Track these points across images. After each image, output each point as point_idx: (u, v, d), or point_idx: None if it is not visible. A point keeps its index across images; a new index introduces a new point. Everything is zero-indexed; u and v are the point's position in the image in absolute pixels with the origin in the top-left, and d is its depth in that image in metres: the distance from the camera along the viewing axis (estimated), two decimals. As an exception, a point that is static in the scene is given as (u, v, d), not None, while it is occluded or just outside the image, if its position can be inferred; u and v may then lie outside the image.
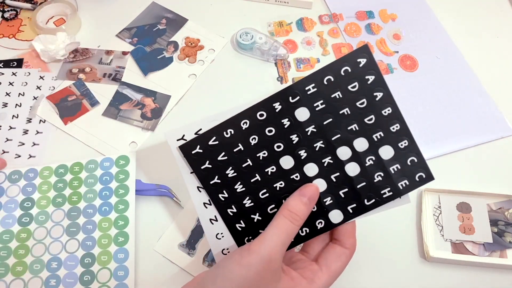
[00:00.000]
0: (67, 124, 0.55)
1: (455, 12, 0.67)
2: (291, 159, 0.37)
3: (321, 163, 0.37)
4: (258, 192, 0.38)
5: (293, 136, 0.37)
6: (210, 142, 0.37)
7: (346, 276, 0.46)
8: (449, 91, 0.59)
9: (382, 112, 0.37)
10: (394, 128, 0.37)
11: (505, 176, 0.53)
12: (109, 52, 0.61)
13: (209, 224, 0.38)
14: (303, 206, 0.36)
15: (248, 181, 0.38)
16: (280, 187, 0.38)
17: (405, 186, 0.37)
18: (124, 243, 0.47)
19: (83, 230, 0.47)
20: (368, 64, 0.36)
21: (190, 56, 0.61)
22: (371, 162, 0.37)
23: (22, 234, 0.47)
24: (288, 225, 0.35)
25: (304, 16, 0.66)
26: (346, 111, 0.37)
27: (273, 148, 0.37)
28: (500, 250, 0.47)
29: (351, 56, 0.36)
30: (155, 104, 0.57)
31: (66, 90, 0.57)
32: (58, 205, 0.49)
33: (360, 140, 0.37)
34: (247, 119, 0.37)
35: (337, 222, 0.38)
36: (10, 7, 0.66)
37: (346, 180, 0.37)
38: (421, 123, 0.56)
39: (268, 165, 0.37)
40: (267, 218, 0.37)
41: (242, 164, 0.37)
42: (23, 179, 0.50)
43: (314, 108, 0.37)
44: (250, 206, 0.38)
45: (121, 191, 0.49)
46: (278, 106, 0.37)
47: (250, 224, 0.38)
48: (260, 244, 0.33)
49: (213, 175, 0.38)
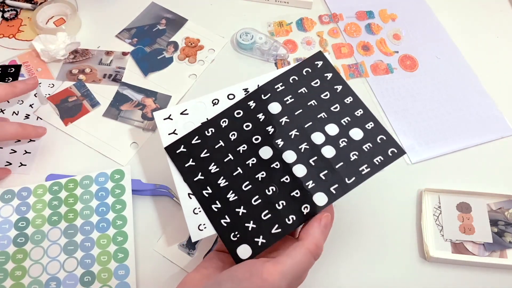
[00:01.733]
0: (68, 125, 0.55)
1: (455, 12, 0.67)
2: (270, 149, 0.40)
3: (298, 149, 0.40)
4: (241, 185, 0.39)
5: (269, 128, 0.41)
6: (192, 141, 0.41)
7: (346, 275, 0.46)
8: (449, 91, 0.59)
9: (345, 101, 0.42)
10: (358, 113, 0.41)
11: (505, 176, 0.53)
12: (109, 53, 0.61)
13: (187, 198, 0.40)
14: (324, 238, 0.35)
15: (230, 174, 0.40)
16: (262, 177, 0.39)
17: (380, 161, 0.40)
18: (124, 259, 0.46)
19: (81, 248, 0.46)
20: (324, 65, 0.43)
21: (190, 56, 0.61)
22: (344, 143, 0.40)
23: (18, 255, 0.46)
24: (311, 262, 0.34)
25: (304, 16, 0.66)
26: (313, 103, 0.42)
27: (251, 141, 0.41)
28: (500, 250, 0.47)
29: (308, 60, 0.43)
30: (155, 104, 0.57)
31: (67, 91, 0.57)
32: (54, 224, 0.47)
33: (331, 126, 0.41)
34: (226, 118, 0.41)
35: (322, 205, 0.38)
36: (10, 7, 0.66)
37: (324, 162, 0.39)
38: (421, 123, 0.56)
39: (249, 158, 0.40)
40: (251, 210, 0.38)
41: (224, 159, 0.40)
42: (16, 198, 0.49)
43: (285, 102, 0.42)
44: (234, 199, 0.39)
45: (118, 206, 0.48)
46: (252, 104, 0.42)
47: (235, 218, 0.38)
48: (277, 277, 0.31)
49: (196, 172, 0.40)
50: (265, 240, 0.37)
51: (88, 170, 0.51)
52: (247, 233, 0.38)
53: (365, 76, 0.60)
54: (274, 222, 0.38)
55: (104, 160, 0.52)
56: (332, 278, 0.46)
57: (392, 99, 0.58)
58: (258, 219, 0.38)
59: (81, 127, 0.55)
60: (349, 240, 0.48)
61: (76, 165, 0.52)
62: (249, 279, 0.31)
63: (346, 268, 0.47)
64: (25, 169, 0.52)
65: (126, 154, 0.53)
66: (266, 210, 0.38)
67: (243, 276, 0.32)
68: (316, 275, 0.45)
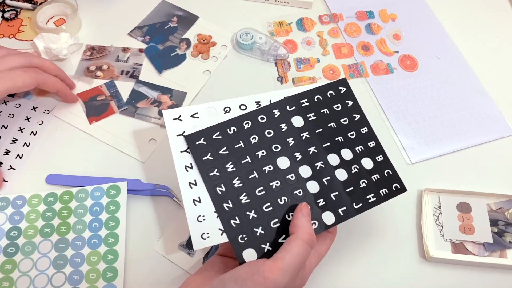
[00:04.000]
0: (92, 123, 0.54)
1: (455, 12, 0.67)
2: (288, 160, 0.41)
3: (314, 166, 0.41)
4: (255, 189, 0.39)
5: (290, 139, 0.41)
6: (214, 136, 0.40)
7: (346, 275, 0.46)
8: (449, 91, 0.59)
9: (361, 130, 0.43)
10: (371, 144, 0.43)
11: (505, 176, 0.53)
12: (125, 50, 0.61)
13: (192, 205, 0.39)
14: (311, 225, 0.37)
15: (246, 177, 0.39)
16: (276, 186, 0.39)
17: (385, 193, 0.41)
18: (113, 278, 0.44)
19: (71, 263, 0.45)
20: (347, 92, 0.45)
21: (203, 53, 0.61)
22: (356, 170, 0.42)
23: (7, 265, 0.45)
24: (308, 252, 0.35)
25: (304, 16, 0.66)
26: (333, 125, 0.43)
27: (271, 148, 0.41)
28: (500, 250, 0.47)
29: (333, 84, 0.45)
30: (171, 101, 0.57)
31: (97, 89, 0.57)
32: (46, 236, 0.46)
33: (346, 151, 0.42)
34: (249, 120, 0.41)
35: (329, 224, 0.39)
36: (10, 7, 0.66)
37: (336, 184, 0.40)
38: (421, 123, 0.56)
39: (266, 164, 0.40)
40: (261, 216, 0.38)
41: (242, 160, 0.40)
42: (11, 206, 0.48)
43: (308, 118, 0.43)
44: (246, 202, 0.39)
45: (111, 223, 0.47)
46: (277, 113, 0.42)
47: (245, 221, 0.38)
48: (278, 273, 0.32)
49: (213, 168, 0.39)
50: (271, 248, 0.37)
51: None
52: (254, 238, 0.38)
53: (365, 76, 0.60)
54: (282, 232, 0.38)
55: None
56: (332, 278, 0.46)
57: (392, 99, 0.58)
58: (267, 226, 0.38)
59: (98, 125, 0.55)
60: (349, 240, 0.48)
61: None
62: (252, 278, 0.31)
63: (346, 268, 0.47)
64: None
65: (145, 151, 0.53)
66: (275, 219, 0.38)
67: (246, 275, 0.32)
68: (316, 275, 0.45)
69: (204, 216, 0.38)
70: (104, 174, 0.51)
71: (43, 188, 0.50)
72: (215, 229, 0.38)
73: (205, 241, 0.38)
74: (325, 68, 0.61)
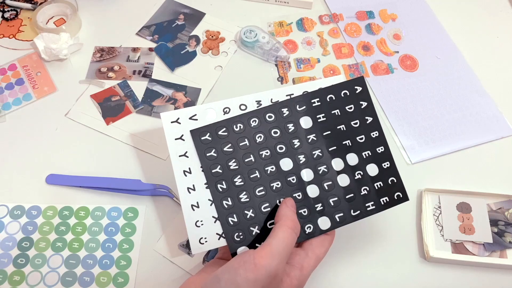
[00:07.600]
0: (109, 124, 0.55)
1: (455, 12, 0.67)
2: (291, 162, 0.40)
3: (316, 170, 0.40)
4: (255, 189, 0.39)
5: (295, 141, 0.41)
6: (219, 132, 0.40)
7: (346, 275, 0.46)
8: (449, 91, 0.59)
9: (371, 134, 0.42)
10: (379, 150, 0.42)
11: (505, 176, 0.53)
12: (135, 50, 0.61)
13: (190, 210, 0.39)
14: (295, 215, 0.38)
15: (247, 176, 0.39)
16: (277, 187, 0.39)
17: (385, 202, 0.41)
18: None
19: (80, 281, 0.44)
20: (363, 92, 0.42)
21: (213, 49, 0.62)
22: (359, 176, 0.41)
23: (16, 277, 0.44)
24: (293, 237, 0.36)
25: (304, 16, 0.66)
26: (342, 127, 0.41)
27: (275, 149, 0.40)
28: (500, 250, 0.47)
29: (349, 83, 0.42)
30: (186, 98, 0.57)
31: (111, 90, 0.57)
32: (57, 250, 0.46)
33: (352, 156, 0.41)
34: (257, 118, 0.41)
35: (324, 229, 0.39)
36: (10, 7, 0.66)
37: (337, 190, 0.40)
38: (421, 123, 0.56)
39: (269, 164, 0.40)
40: (259, 216, 0.39)
41: (245, 159, 0.40)
42: (25, 216, 0.47)
43: (317, 119, 0.41)
44: (245, 201, 0.39)
45: (125, 245, 0.46)
46: (286, 111, 0.41)
47: (242, 219, 0.38)
48: (267, 258, 0.33)
49: (216, 164, 0.39)
50: None
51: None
52: (250, 237, 0.38)
53: (366, 76, 0.60)
54: None
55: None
56: (332, 278, 0.46)
57: (392, 99, 0.58)
58: (263, 226, 0.38)
59: (115, 125, 0.55)
60: (349, 240, 0.48)
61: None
62: (244, 266, 0.33)
63: (346, 268, 0.47)
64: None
65: (165, 150, 0.53)
66: (272, 220, 0.38)
67: (238, 265, 0.33)
68: (316, 275, 0.45)
69: (202, 221, 0.39)
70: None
71: (46, 190, 0.50)
72: (213, 233, 0.38)
73: (203, 246, 0.38)
74: (325, 68, 0.61)
